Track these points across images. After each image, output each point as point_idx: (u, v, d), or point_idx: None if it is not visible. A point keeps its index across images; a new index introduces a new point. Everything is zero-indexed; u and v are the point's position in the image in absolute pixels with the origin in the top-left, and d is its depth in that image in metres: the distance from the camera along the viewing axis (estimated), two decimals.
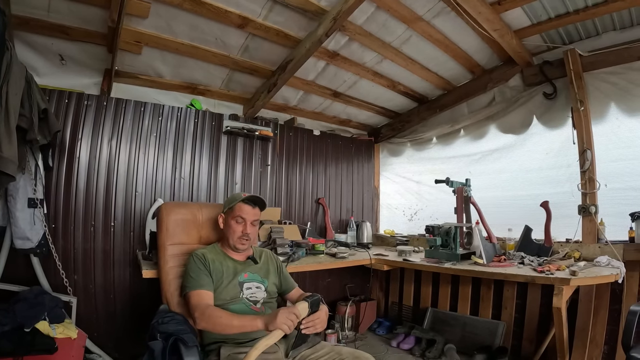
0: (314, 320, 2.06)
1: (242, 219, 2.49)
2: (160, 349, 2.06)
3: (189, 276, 2.31)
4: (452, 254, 3.57)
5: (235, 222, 2.49)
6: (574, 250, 3.50)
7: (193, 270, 2.32)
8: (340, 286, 5.12)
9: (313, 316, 2.07)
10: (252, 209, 2.53)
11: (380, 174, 6.08)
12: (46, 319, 2.56)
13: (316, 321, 2.07)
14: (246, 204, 2.51)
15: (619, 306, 3.31)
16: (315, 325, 2.06)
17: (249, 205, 2.52)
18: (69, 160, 3.45)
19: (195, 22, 3.31)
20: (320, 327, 2.10)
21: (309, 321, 2.04)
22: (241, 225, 2.48)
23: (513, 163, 4.34)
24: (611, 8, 3.23)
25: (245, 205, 2.51)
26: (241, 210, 2.49)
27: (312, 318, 2.06)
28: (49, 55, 3.46)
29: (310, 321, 2.05)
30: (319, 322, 2.08)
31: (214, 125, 4.33)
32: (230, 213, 2.53)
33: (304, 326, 2.03)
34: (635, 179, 3.40)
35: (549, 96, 3.95)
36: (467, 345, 4.00)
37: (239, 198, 2.51)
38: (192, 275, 2.30)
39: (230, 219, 2.51)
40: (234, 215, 2.50)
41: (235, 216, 2.49)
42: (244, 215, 2.49)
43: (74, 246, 3.44)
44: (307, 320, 2.04)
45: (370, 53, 4.04)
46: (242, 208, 2.50)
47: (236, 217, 2.49)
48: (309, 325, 2.04)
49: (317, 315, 2.09)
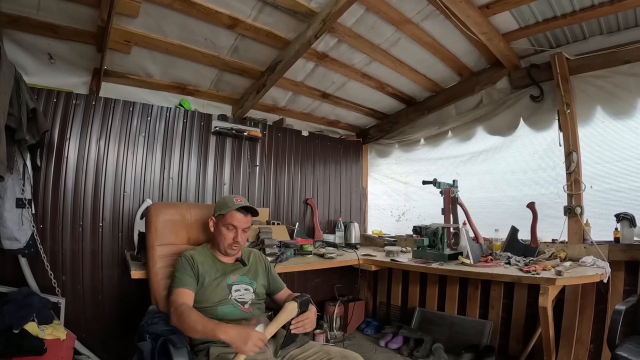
0: (303, 320, 2.09)
1: (234, 227, 2.48)
2: (149, 350, 2.06)
3: (174, 275, 2.34)
4: (440, 254, 3.60)
5: (226, 229, 2.47)
6: (559, 251, 3.54)
7: (179, 270, 2.34)
8: (329, 286, 5.13)
9: (302, 316, 2.09)
10: (244, 217, 2.51)
11: (369, 175, 6.10)
12: (35, 320, 2.54)
13: (305, 321, 2.10)
14: (239, 212, 2.50)
15: (604, 305, 3.37)
16: (305, 325, 2.09)
17: (241, 214, 2.50)
18: (57, 160, 3.43)
19: (185, 22, 3.30)
20: (309, 327, 2.12)
21: (298, 321, 2.07)
22: (232, 233, 2.47)
23: (500, 164, 4.39)
24: (598, 13, 3.27)
25: (237, 214, 2.49)
26: (233, 219, 2.47)
27: (301, 318, 2.08)
28: (38, 54, 3.43)
29: (300, 321, 2.07)
30: (308, 322, 2.12)
31: (203, 125, 4.33)
32: (221, 219, 2.51)
33: (293, 326, 2.05)
34: (621, 181, 3.47)
35: (535, 99, 4.00)
36: (455, 344, 4.03)
37: (232, 205, 2.47)
38: (176, 275, 2.32)
39: (222, 226, 2.49)
40: (226, 222, 2.48)
41: (227, 223, 2.48)
42: (235, 224, 2.47)
43: (62, 247, 3.41)
44: (297, 320, 2.07)
45: (359, 55, 4.05)
46: (234, 216, 2.48)
47: (227, 225, 2.47)
48: (299, 325, 2.07)
49: (306, 315, 2.12)
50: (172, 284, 2.31)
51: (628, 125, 3.46)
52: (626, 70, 3.45)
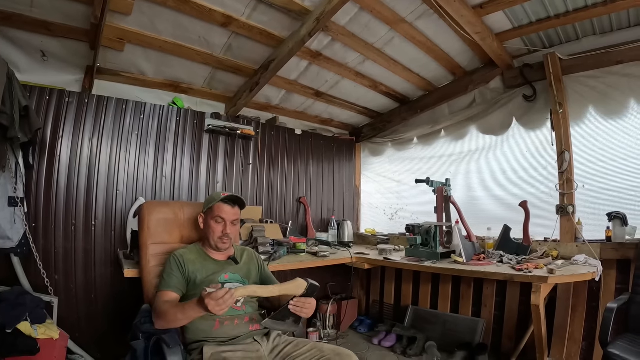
0: (304, 302, 2.07)
1: (222, 219, 2.49)
2: (142, 349, 2.07)
3: (162, 277, 2.34)
4: (433, 252, 3.61)
5: (214, 222, 2.49)
6: (552, 249, 3.56)
7: (166, 271, 2.34)
8: (322, 285, 5.08)
9: (306, 299, 2.08)
10: (231, 208, 2.53)
11: (362, 174, 6.11)
12: (28, 320, 2.52)
13: (306, 304, 2.07)
14: (225, 204, 2.52)
15: (596, 303, 3.39)
16: (304, 308, 2.07)
17: (228, 205, 2.52)
18: (49, 159, 3.41)
19: (179, 20, 3.29)
20: (306, 312, 2.09)
21: (300, 302, 2.06)
22: (221, 225, 2.48)
23: (492, 163, 4.40)
24: (591, 13, 3.29)
25: (224, 205, 2.51)
26: (220, 210, 2.49)
27: (303, 300, 2.07)
28: (31, 51, 3.41)
29: (301, 302, 2.06)
30: (308, 307, 2.09)
31: (196, 123, 4.32)
32: (209, 213, 2.53)
33: (293, 303, 2.04)
34: (612, 180, 3.49)
35: (528, 98, 4.02)
36: (448, 342, 4.04)
37: (217, 198, 2.51)
38: (164, 276, 2.32)
39: (210, 219, 2.51)
40: (214, 215, 2.50)
41: (214, 216, 2.49)
42: (223, 215, 2.49)
43: (55, 245, 3.40)
44: (299, 300, 2.05)
45: (353, 53, 4.05)
46: (221, 208, 2.50)
47: (215, 217, 2.49)
48: (299, 304, 2.05)
49: (310, 300, 2.10)
50: (159, 285, 2.32)
51: (620, 125, 3.49)
52: (619, 71, 3.47)
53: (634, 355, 2.32)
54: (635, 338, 2.60)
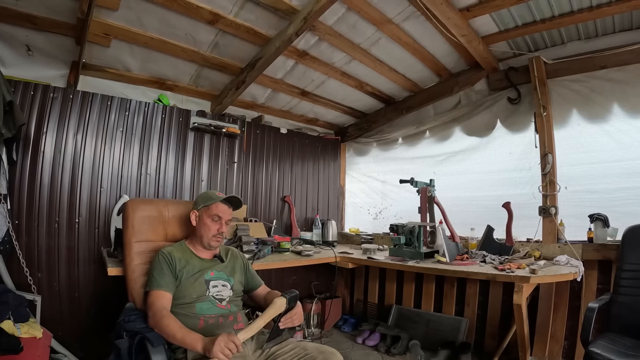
0: (292, 316, 2.13)
1: (219, 218, 2.52)
2: (126, 348, 2.05)
3: (152, 275, 2.32)
4: (416, 252, 3.63)
5: (211, 220, 2.50)
6: (534, 250, 3.60)
7: (156, 269, 2.33)
8: (306, 284, 5.14)
9: (291, 312, 2.13)
10: (228, 208, 2.58)
11: (346, 173, 6.13)
12: (10, 318, 2.48)
13: (294, 317, 2.14)
14: (224, 204, 2.56)
15: (578, 303, 3.44)
16: (294, 320, 2.14)
17: (226, 205, 2.57)
18: (33, 155, 3.37)
19: (166, 17, 3.27)
20: (297, 321, 2.16)
21: (288, 317, 2.11)
22: (217, 224, 2.51)
23: (476, 165, 4.45)
24: (577, 19, 3.34)
25: (223, 205, 2.55)
26: (219, 210, 2.53)
27: (290, 314, 2.12)
28: (16, 45, 3.37)
29: (289, 317, 2.11)
30: (297, 317, 2.16)
31: (181, 121, 4.29)
32: (206, 211, 2.53)
33: (282, 321, 2.08)
34: (594, 182, 3.55)
35: (513, 101, 4.07)
36: (431, 341, 4.08)
37: (216, 198, 2.53)
38: (154, 275, 2.31)
39: (206, 217, 2.52)
40: (211, 213, 2.51)
41: (212, 214, 2.51)
42: (220, 214, 2.52)
43: (38, 243, 3.36)
44: (286, 317, 2.10)
45: (339, 53, 4.06)
46: (220, 208, 2.53)
47: (213, 216, 2.51)
48: (288, 320, 2.11)
49: (295, 311, 2.16)
50: (149, 284, 2.30)
51: (603, 129, 3.54)
52: (602, 75, 3.53)
53: (615, 353, 2.36)
54: (616, 337, 2.64)
